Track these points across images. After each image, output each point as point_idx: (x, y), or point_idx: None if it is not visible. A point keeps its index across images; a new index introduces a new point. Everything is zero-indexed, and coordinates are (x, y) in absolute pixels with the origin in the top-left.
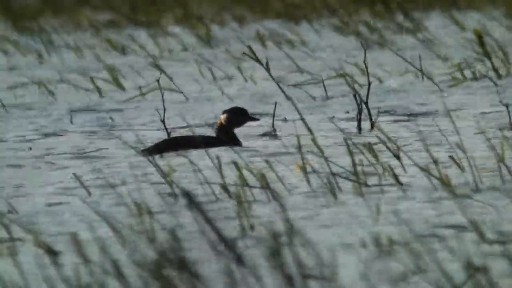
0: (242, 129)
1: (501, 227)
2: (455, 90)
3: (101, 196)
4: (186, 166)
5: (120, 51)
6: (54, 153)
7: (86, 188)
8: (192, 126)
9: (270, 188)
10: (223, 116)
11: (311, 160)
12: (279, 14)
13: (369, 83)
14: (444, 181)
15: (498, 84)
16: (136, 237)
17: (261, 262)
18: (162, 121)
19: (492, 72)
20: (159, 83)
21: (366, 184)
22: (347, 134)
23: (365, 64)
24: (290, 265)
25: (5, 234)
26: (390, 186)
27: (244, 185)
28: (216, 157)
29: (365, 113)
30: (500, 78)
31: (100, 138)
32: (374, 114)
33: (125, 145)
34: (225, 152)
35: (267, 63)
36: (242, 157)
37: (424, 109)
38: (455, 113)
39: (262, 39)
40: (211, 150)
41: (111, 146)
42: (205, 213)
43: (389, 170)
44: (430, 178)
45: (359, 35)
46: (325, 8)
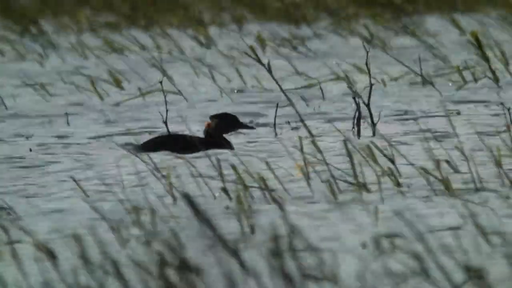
0: (243, 130)
1: (500, 228)
2: (455, 92)
3: (101, 197)
4: (185, 167)
5: (120, 52)
6: (54, 154)
7: (85, 190)
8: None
9: (270, 190)
10: (212, 122)
11: (312, 162)
12: (279, 16)
13: (371, 85)
14: (444, 183)
15: (497, 86)
16: (136, 238)
17: (262, 263)
18: (164, 122)
19: (491, 74)
20: (162, 85)
21: (366, 186)
22: (347, 136)
23: (367, 66)
24: (291, 266)
25: (5, 236)
26: (390, 188)
27: (244, 187)
28: (216, 159)
29: (366, 115)
30: (499, 80)
31: (100, 140)
32: (374, 116)
33: (125, 146)
34: (225, 154)
35: (269, 64)
36: (242, 159)
37: (424, 111)
38: (454, 115)
39: (262, 41)
40: (211, 152)
41: (111, 147)
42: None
43: (389, 172)
44: (430, 180)
45: (359, 37)
46: (325, 10)
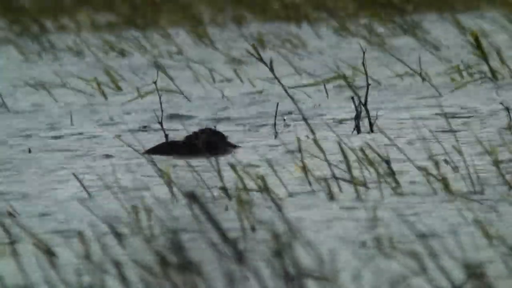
0: (243, 130)
1: (500, 228)
2: (454, 92)
3: (101, 197)
4: (185, 167)
5: (120, 52)
6: (54, 154)
7: (86, 189)
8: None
9: (270, 189)
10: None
11: (311, 162)
12: (279, 16)
13: (368, 85)
14: (443, 182)
15: (497, 86)
16: (136, 238)
17: (262, 263)
18: (160, 123)
19: (491, 74)
20: (156, 85)
21: (365, 185)
22: (346, 136)
23: (364, 66)
24: (291, 266)
25: (5, 235)
26: (389, 187)
27: (244, 187)
28: (215, 159)
29: (365, 115)
30: (499, 80)
31: (100, 139)
32: (373, 116)
33: (125, 146)
34: (224, 153)
35: (271, 62)
36: (242, 159)
37: (423, 111)
38: (454, 114)
39: (262, 41)
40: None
41: (111, 147)
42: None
43: (388, 171)
44: (429, 179)
45: (358, 37)
46: (325, 10)
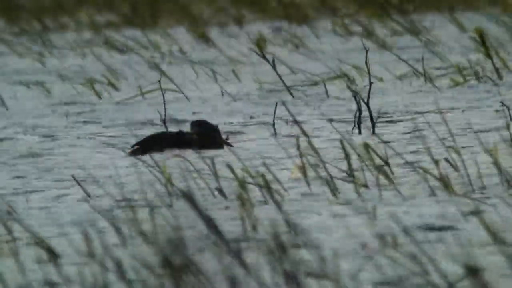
0: (243, 130)
1: (500, 228)
2: (455, 91)
3: (101, 196)
4: (185, 167)
5: (120, 52)
6: (54, 154)
7: (85, 189)
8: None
9: (270, 189)
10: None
11: (311, 161)
12: (279, 15)
13: (370, 84)
14: (443, 182)
15: (499, 85)
16: (136, 237)
17: (262, 262)
18: (163, 121)
19: (493, 73)
20: (160, 84)
21: (365, 185)
22: (347, 135)
23: (367, 65)
24: (291, 265)
25: (5, 234)
26: (389, 187)
27: (244, 186)
28: (215, 158)
29: (366, 114)
30: (501, 79)
31: (100, 139)
32: (374, 115)
33: (125, 146)
34: (224, 153)
35: (273, 60)
36: (242, 158)
37: (424, 110)
38: (455, 114)
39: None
40: (211, 151)
41: (111, 147)
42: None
43: (388, 171)
44: (429, 179)
45: (359, 36)
46: (325, 9)
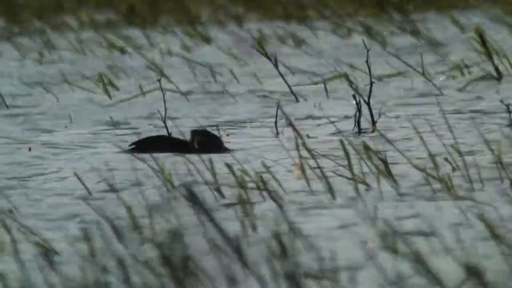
0: (243, 129)
1: (500, 228)
2: (455, 89)
3: (102, 196)
4: (185, 167)
5: (120, 51)
6: (54, 153)
7: (87, 187)
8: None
9: (271, 189)
10: (194, 137)
11: (312, 161)
12: (279, 15)
13: (371, 83)
14: (443, 181)
15: (498, 83)
16: (137, 237)
17: (263, 262)
18: (163, 121)
19: (493, 72)
20: (160, 83)
21: (366, 185)
22: (347, 135)
23: (368, 64)
24: (291, 265)
25: (5, 234)
26: (389, 187)
27: (244, 186)
28: (216, 158)
29: (367, 113)
30: (501, 78)
31: (100, 138)
32: (375, 114)
33: (124, 145)
34: (224, 153)
35: (276, 59)
36: (242, 158)
37: (424, 110)
38: (455, 113)
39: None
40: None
41: (111, 146)
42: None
43: (389, 170)
44: (429, 178)
45: (359, 36)
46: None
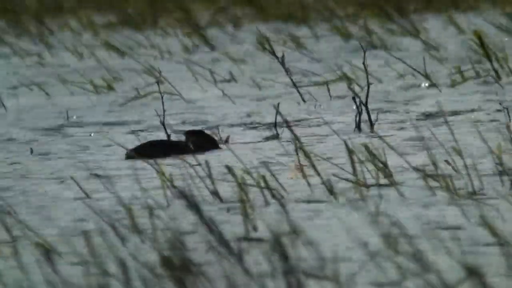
0: (244, 129)
1: (500, 229)
2: (455, 91)
3: (101, 197)
4: (185, 168)
5: (119, 53)
6: (54, 154)
7: (85, 190)
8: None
9: (271, 190)
10: (188, 138)
11: (311, 162)
12: (278, 16)
13: (369, 85)
14: (443, 183)
15: (498, 85)
16: (137, 238)
17: (263, 263)
18: (162, 124)
19: (492, 74)
20: (159, 85)
21: (365, 186)
22: (347, 136)
23: (365, 66)
24: (292, 266)
25: (5, 234)
26: (389, 188)
27: (245, 187)
28: (216, 158)
29: (365, 115)
30: (500, 79)
31: (100, 140)
32: (374, 116)
33: (124, 148)
34: (224, 154)
35: (283, 57)
36: (242, 159)
37: (424, 111)
38: (454, 115)
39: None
40: (212, 152)
41: (111, 148)
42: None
43: (388, 172)
44: (429, 180)
45: (358, 37)
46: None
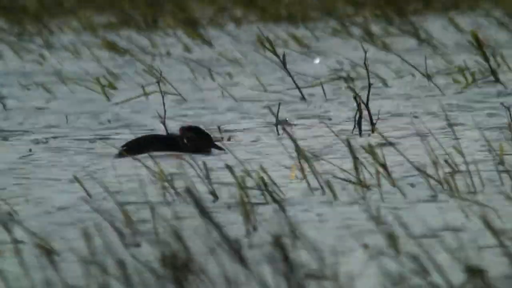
0: (244, 129)
1: (500, 228)
2: (455, 91)
3: (102, 197)
4: (185, 168)
5: (119, 53)
6: (54, 154)
7: (88, 189)
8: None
9: (271, 189)
10: (184, 134)
11: (311, 162)
12: (278, 16)
13: (370, 85)
14: (444, 183)
15: (498, 85)
16: (137, 238)
17: (263, 263)
18: (163, 123)
19: (492, 73)
20: (159, 85)
21: (366, 186)
22: (348, 136)
23: (366, 66)
24: (292, 266)
25: (6, 235)
26: (389, 188)
27: (245, 187)
28: (216, 159)
29: (366, 114)
30: (500, 79)
31: (100, 140)
32: (375, 116)
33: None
34: (224, 153)
35: (284, 56)
36: (243, 159)
37: (424, 111)
38: (455, 115)
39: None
40: (212, 152)
41: (111, 148)
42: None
43: (389, 171)
44: (430, 180)
45: (359, 37)
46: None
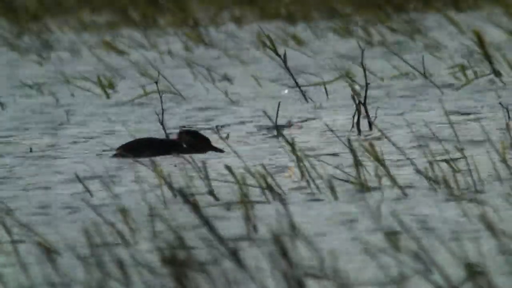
0: (244, 129)
1: (500, 228)
2: (455, 90)
3: (102, 197)
4: (183, 169)
5: (119, 53)
6: (54, 154)
7: (87, 189)
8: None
9: (271, 189)
10: (183, 137)
11: (312, 162)
12: (278, 16)
13: (367, 84)
14: (444, 182)
15: (498, 85)
16: (137, 238)
17: (263, 262)
18: (161, 123)
19: (492, 73)
20: (158, 85)
21: (366, 185)
22: (347, 135)
23: (363, 65)
24: (291, 265)
25: (6, 234)
26: (389, 187)
27: (245, 187)
28: (216, 158)
29: (364, 114)
30: (500, 78)
31: (100, 140)
32: (373, 115)
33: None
34: (224, 153)
35: (285, 55)
36: (243, 159)
37: (424, 110)
38: (455, 114)
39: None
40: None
41: (111, 148)
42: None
43: (388, 171)
44: (429, 179)
45: (358, 37)
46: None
